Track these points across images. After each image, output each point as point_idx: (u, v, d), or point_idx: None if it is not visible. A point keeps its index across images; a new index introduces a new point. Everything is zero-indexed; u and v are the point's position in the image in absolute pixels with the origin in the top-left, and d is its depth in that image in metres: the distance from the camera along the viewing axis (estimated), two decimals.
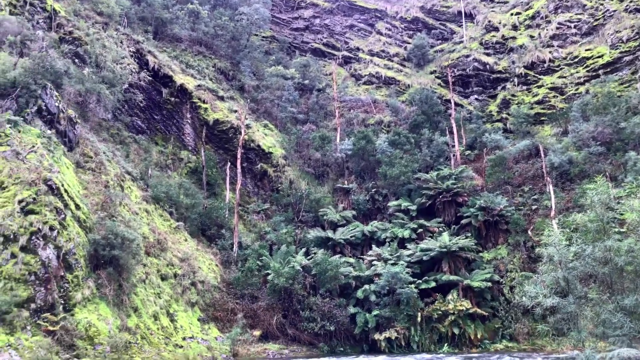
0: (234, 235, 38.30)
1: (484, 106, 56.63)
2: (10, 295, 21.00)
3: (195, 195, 39.48)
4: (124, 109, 43.37)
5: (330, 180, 47.62)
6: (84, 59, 39.78)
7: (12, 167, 25.75)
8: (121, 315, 24.82)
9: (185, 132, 46.76)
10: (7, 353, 19.53)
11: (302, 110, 56.40)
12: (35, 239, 23.46)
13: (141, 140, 43.24)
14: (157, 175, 39.86)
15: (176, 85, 46.45)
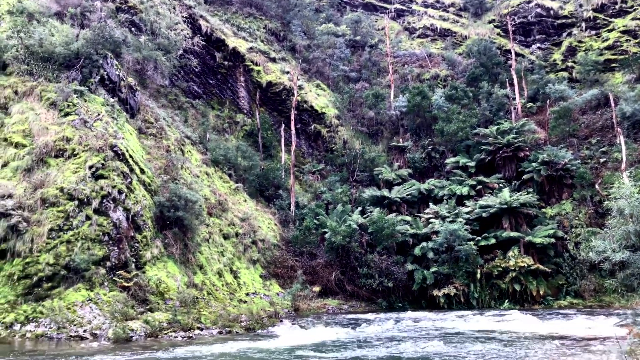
0: (290, 196, 39.00)
1: (547, 55, 53.40)
2: (87, 254, 22.59)
3: (252, 158, 40.33)
4: (180, 74, 44.36)
5: (384, 139, 47.06)
6: (140, 27, 40.75)
7: (81, 134, 27.19)
8: (188, 273, 26.17)
9: (240, 95, 47.35)
10: (88, 307, 21.21)
11: (355, 68, 55.47)
12: (106, 202, 24.91)
13: (198, 105, 44.33)
14: (215, 139, 40.89)
15: (229, 48, 46.80)
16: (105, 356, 15.57)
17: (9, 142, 26.67)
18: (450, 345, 16.99)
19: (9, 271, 21.77)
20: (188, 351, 16.46)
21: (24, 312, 20.54)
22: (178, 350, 16.54)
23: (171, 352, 16.30)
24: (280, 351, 16.29)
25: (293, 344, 17.89)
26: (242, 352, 16.37)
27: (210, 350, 16.73)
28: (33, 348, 17.62)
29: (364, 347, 16.71)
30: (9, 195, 23.70)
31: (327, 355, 15.42)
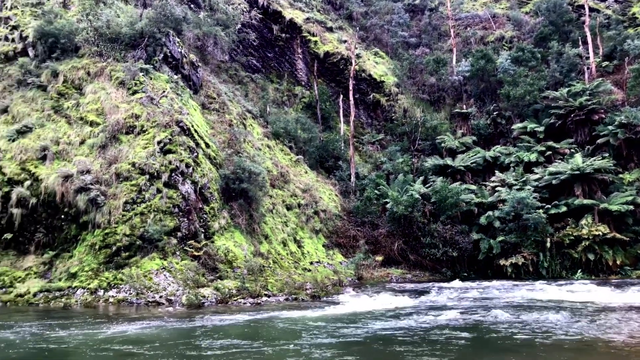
0: (350, 166, 38.93)
1: (625, 8, 49.18)
2: (160, 225, 23.76)
3: (311, 129, 40.48)
4: (239, 49, 44.89)
5: (446, 106, 45.63)
6: (199, 4, 41.43)
7: (148, 111, 28.29)
8: (254, 242, 26.96)
9: (298, 67, 47.34)
10: (163, 275, 22.42)
11: (414, 34, 53.77)
12: (174, 175, 25.95)
13: (257, 79, 44.85)
14: (275, 112, 41.34)
15: (285, 20, 46.68)
16: (181, 319, 16.45)
17: (84, 120, 28.26)
18: (519, 313, 16.55)
19: (90, 241, 23.38)
20: (259, 316, 17.06)
21: (106, 279, 22.06)
22: (251, 314, 17.18)
23: (244, 315, 16.97)
24: (347, 317, 16.53)
25: (359, 310, 18.09)
26: (311, 318, 16.75)
27: (280, 316, 17.26)
28: (116, 312, 18.91)
29: (430, 315, 16.62)
30: (87, 171, 25.24)
31: (394, 322, 15.48)
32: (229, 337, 13.42)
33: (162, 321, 16.13)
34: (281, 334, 14.15)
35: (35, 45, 31.69)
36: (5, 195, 24.62)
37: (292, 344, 12.49)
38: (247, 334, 14.17)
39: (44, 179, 25.03)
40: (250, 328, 15.01)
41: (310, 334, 13.72)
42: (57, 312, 19.14)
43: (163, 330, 14.50)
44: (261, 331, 14.53)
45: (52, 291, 21.83)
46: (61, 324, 15.69)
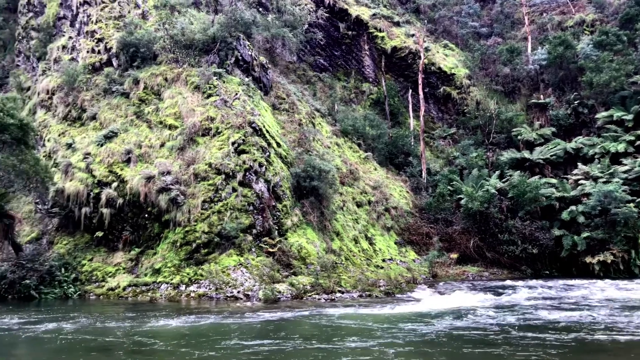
0: (421, 162, 38.16)
1: None
2: (236, 222, 24.51)
3: (380, 126, 40.14)
4: (306, 49, 45.40)
5: (522, 97, 43.52)
6: (266, 6, 42.32)
7: (222, 114, 29.28)
8: (325, 239, 27.14)
9: (365, 64, 47.11)
10: (240, 270, 23.10)
11: (485, 23, 51.78)
12: (248, 174, 26.67)
13: (325, 78, 45.16)
14: (343, 110, 41.41)
15: (352, 17, 46.60)
16: (262, 313, 16.86)
17: (163, 124, 29.75)
18: (613, 313, 15.43)
19: (172, 238, 24.57)
20: (336, 311, 17.13)
21: (187, 275, 23.09)
22: (326, 310, 17.30)
23: (320, 311, 17.12)
24: (422, 315, 16.20)
25: (434, 308, 17.68)
26: (386, 315, 16.59)
27: (355, 312, 17.24)
28: (197, 306, 19.72)
29: (510, 314, 15.90)
30: (167, 172, 26.55)
31: (471, 321, 14.97)
32: (307, 330, 13.58)
33: (243, 315, 16.60)
34: (357, 330, 14.11)
35: (119, 55, 33.80)
36: (96, 196, 26.47)
37: (368, 340, 12.41)
38: (325, 328, 14.25)
39: (129, 180, 26.63)
40: (327, 323, 15.08)
41: (385, 331, 13.57)
42: (144, 305, 20.27)
43: (248, 324, 14.93)
44: (338, 326, 14.56)
45: (139, 286, 23.21)
46: (150, 315, 16.60)
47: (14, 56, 43.34)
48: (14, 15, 45.35)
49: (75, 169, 27.87)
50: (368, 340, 12.40)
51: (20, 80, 40.05)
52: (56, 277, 23.90)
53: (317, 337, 12.41)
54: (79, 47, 36.51)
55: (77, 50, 36.63)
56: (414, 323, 14.66)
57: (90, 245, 26.20)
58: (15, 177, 25.46)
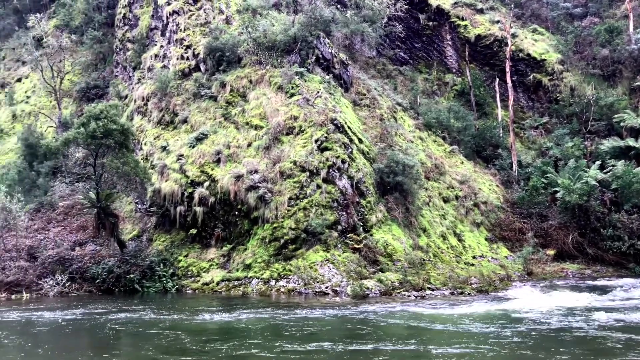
0: (511, 154, 36.22)
1: None
2: (321, 219, 24.69)
3: (465, 118, 38.67)
4: (385, 43, 44.81)
5: (624, 80, 39.93)
6: (345, 3, 42.25)
7: (305, 112, 29.62)
8: (412, 236, 26.57)
9: (447, 54, 45.61)
10: (327, 266, 23.24)
11: (579, 3, 48.08)
12: (332, 171, 26.77)
13: (406, 71, 44.30)
14: (425, 103, 40.38)
15: (432, 8, 45.32)
16: (354, 309, 16.81)
17: (249, 125, 30.65)
18: None
19: (261, 235, 25.26)
20: (428, 309, 16.69)
21: (277, 270, 23.62)
22: (418, 308, 16.91)
23: (411, 308, 16.75)
24: (519, 313, 15.29)
25: (532, 307, 16.63)
26: (481, 312, 15.87)
27: (447, 309, 16.68)
28: (287, 300, 20.09)
29: (623, 315, 14.54)
30: (255, 171, 27.32)
31: (573, 321, 13.86)
32: (400, 329, 13.29)
33: (334, 309, 16.64)
34: (453, 331, 13.58)
35: (206, 60, 35.32)
36: (189, 195, 27.85)
37: (468, 343, 11.88)
38: (420, 327, 13.88)
39: (219, 179, 27.73)
40: (421, 321, 14.69)
41: (482, 329, 12.93)
42: (237, 299, 21.01)
43: (341, 319, 14.95)
44: (432, 322, 14.13)
45: (231, 280, 24.12)
46: (248, 309, 17.12)
47: (112, 67, 46.77)
48: (112, 30, 48.95)
49: (170, 170, 29.49)
50: (468, 342, 11.87)
51: (118, 89, 43.15)
52: (156, 272, 25.45)
53: (415, 337, 12.08)
54: (169, 55, 38.62)
55: (168, 57, 38.77)
56: (508, 321, 13.85)
57: (186, 242, 27.62)
58: (117, 178, 27.47)
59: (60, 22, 52.65)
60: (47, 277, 24.92)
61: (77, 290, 24.72)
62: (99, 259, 25.94)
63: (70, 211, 32.07)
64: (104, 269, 25.00)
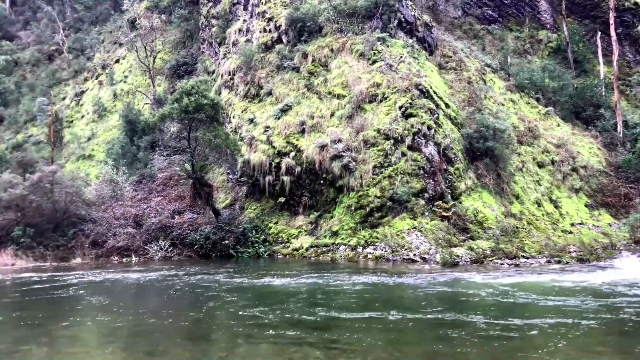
0: (616, 114, 33.26)
1: None
2: (407, 187, 24.40)
3: (562, 77, 35.93)
4: (472, 2, 42.41)
5: None
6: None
7: (388, 78, 29.05)
8: (504, 203, 25.52)
9: (541, 9, 42.32)
10: (414, 234, 23.04)
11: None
12: (417, 138, 26.20)
13: (494, 30, 41.78)
14: (517, 63, 38.00)
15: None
16: (443, 274, 16.63)
17: (332, 94, 30.66)
18: None
19: (347, 203, 25.51)
20: (525, 278, 16.09)
21: (363, 237, 23.83)
22: (515, 277, 16.35)
23: (507, 277, 16.25)
24: (631, 286, 14.26)
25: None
26: (585, 282, 15.00)
27: (546, 278, 15.96)
28: (374, 267, 20.26)
29: None
30: (339, 140, 27.43)
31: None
32: (496, 294, 12.95)
33: (423, 274, 16.56)
34: (551, 297, 12.98)
35: (287, 32, 35.56)
36: (276, 165, 28.65)
37: (566, 310, 11.32)
38: (516, 293, 13.43)
39: (304, 149, 28.18)
40: (517, 287, 14.20)
41: (584, 301, 12.25)
42: (326, 264, 21.54)
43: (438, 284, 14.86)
44: (528, 292, 13.61)
45: (319, 247, 24.73)
46: (339, 273, 17.55)
47: (199, 44, 48.56)
48: (197, 7, 50.64)
49: (258, 141, 30.42)
50: (570, 314, 11.31)
51: (206, 65, 44.84)
52: (249, 238, 26.70)
53: (509, 307, 11.73)
54: (252, 29, 39.32)
55: (251, 31, 39.50)
56: (624, 297, 12.94)
57: (275, 210, 28.59)
58: (210, 151, 28.85)
59: (150, 4, 55.27)
60: (151, 243, 27.07)
61: (178, 255, 26.63)
62: (197, 226, 27.63)
63: (168, 182, 34.32)
64: (201, 236, 26.63)
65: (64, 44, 61.14)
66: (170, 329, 9.68)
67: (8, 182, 29.23)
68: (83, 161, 43.79)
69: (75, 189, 30.05)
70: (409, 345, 8.11)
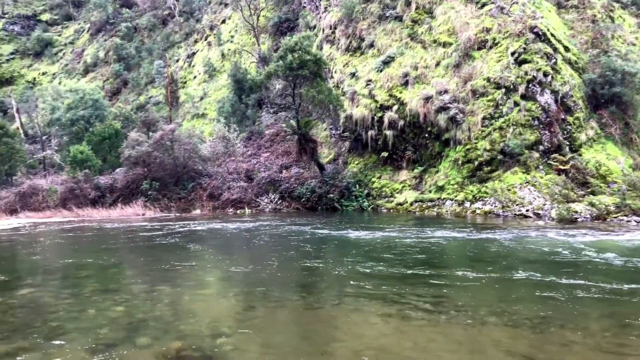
0: None
1: None
2: (520, 139, 23.04)
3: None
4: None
5: None
6: None
7: (499, 22, 27.09)
8: (632, 155, 23.18)
9: None
10: (527, 188, 21.87)
11: None
12: (532, 86, 24.41)
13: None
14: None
15: None
16: (561, 231, 15.76)
17: (437, 42, 29.35)
18: None
19: (453, 157, 24.77)
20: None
21: (471, 192, 23.13)
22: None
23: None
24: None
25: None
26: None
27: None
28: (483, 222, 19.66)
29: None
30: (444, 91, 26.43)
31: None
32: (624, 254, 12.02)
33: (539, 231, 15.80)
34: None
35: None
36: (379, 120, 28.45)
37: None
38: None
39: (407, 102, 27.58)
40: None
41: None
42: (431, 219, 21.33)
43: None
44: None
45: (424, 202, 24.49)
46: (447, 228, 17.38)
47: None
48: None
49: (360, 95, 30.28)
50: None
51: (307, 20, 44.95)
52: (352, 192, 27.18)
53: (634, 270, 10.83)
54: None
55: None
56: None
57: (378, 165, 28.64)
58: (313, 107, 29.34)
59: None
60: (262, 196, 28.64)
61: (286, 207, 27.95)
62: (303, 180, 28.65)
63: (275, 138, 35.69)
64: (307, 189, 27.61)
65: (175, 7, 64.55)
66: (281, 277, 10.33)
67: (135, 140, 32.29)
68: (197, 119, 46.87)
69: (192, 146, 32.42)
70: (523, 302, 7.91)
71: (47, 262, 13.65)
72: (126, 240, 17.76)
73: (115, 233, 20.35)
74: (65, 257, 14.32)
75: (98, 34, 70.43)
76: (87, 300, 8.73)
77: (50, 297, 9.16)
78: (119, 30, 67.21)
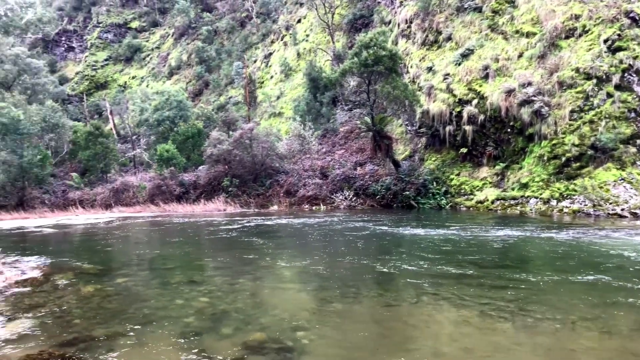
0: None
1: None
2: (613, 132, 21.39)
3: None
4: None
5: None
6: None
7: (590, 8, 25.31)
8: None
9: None
10: (622, 186, 20.26)
11: None
12: (627, 75, 22.60)
13: None
14: None
15: None
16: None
17: (520, 33, 27.95)
18: None
19: (538, 152, 23.48)
20: None
21: (558, 190, 21.81)
22: None
23: None
24: None
25: None
26: None
27: None
28: (571, 221, 18.47)
29: None
30: (528, 83, 25.11)
31: None
32: None
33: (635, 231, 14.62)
34: None
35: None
36: (457, 114, 27.59)
37: None
38: None
39: (488, 96, 26.51)
40: None
41: None
42: (514, 217, 20.37)
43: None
44: None
45: (507, 199, 23.43)
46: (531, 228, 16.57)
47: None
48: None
49: (437, 90, 29.54)
50: None
51: (382, 15, 44.51)
52: (429, 190, 26.60)
53: None
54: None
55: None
56: None
57: (456, 161, 27.81)
58: (388, 103, 29.03)
59: None
60: (337, 193, 28.82)
61: (361, 204, 27.91)
62: (377, 177, 28.47)
63: (349, 135, 35.74)
64: (382, 186, 27.39)
65: (253, 9, 66.50)
66: (357, 273, 10.32)
67: (216, 138, 33.69)
68: (274, 118, 48.03)
69: (269, 144, 33.28)
70: (618, 308, 7.34)
71: (137, 253, 14.63)
72: (208, 234, 18.60)
73: (198, 227, 21.38)
74: (153, 249, 15.27)
75: (181, 38, 74.22)
76: (174, 290, 9.25)
77: (141, 287, 9.80)
78: (200, 34, 70.38)
